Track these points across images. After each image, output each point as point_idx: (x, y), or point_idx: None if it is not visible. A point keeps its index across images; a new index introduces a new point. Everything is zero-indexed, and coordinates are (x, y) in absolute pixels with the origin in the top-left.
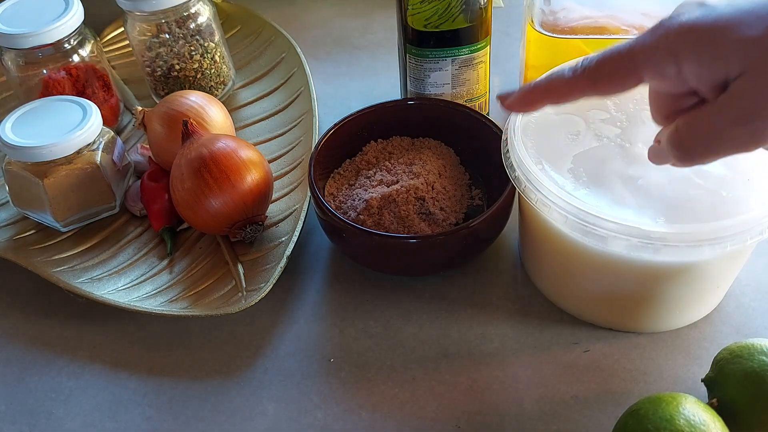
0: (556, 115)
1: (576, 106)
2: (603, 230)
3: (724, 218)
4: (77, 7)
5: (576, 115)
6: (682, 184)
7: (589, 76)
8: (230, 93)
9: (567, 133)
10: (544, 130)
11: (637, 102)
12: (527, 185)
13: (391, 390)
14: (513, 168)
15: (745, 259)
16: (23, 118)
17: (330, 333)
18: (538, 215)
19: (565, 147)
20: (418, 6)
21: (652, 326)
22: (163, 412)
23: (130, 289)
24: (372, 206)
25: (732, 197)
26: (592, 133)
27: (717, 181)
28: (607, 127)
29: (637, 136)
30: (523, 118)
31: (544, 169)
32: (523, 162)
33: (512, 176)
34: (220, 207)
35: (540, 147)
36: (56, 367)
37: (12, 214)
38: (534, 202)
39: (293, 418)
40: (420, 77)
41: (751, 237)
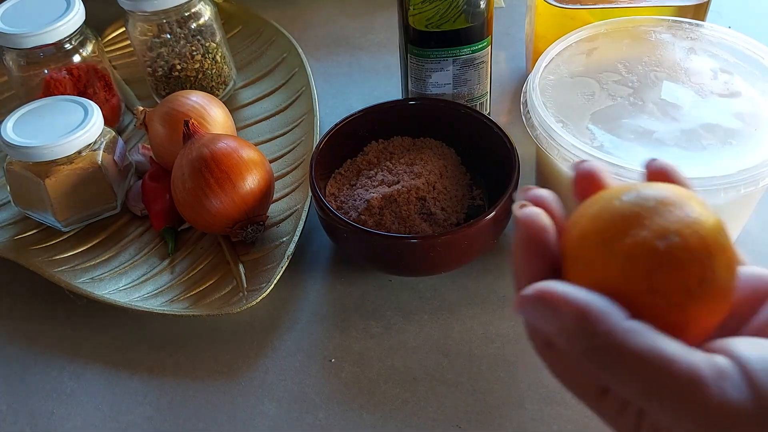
0: (570, 78)
1: (588, 68)
2: (626, 180)
3: (737, 164)
4: (78, 7)
5: (589, 77)
6: (694, 136)
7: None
8: (231, 93)
9: (582, 93)
10: (560, 91)
11: (646, 64)
12: (550, 142)
13: (392, 390)
14: (534, 127)
15: (753, 208)
16: (24, 118)
17: (331, 333)
18: (559, 175)
19: (582, 106)
20: (420, 6)
21: None
22: (165, 412)
23: (131, 289)
24: (373, 206)
25: (742, 146)
26: (606, 93)
27: (726, 132)
28: (620, 88)
29: (648, 96)
30: (540, 80)
31: (566, 125)
32: (545, 120)
33: (534, 135)
34: (221, 207)
35: (558, 106)
36: (57, 367)
37: (13, 214)
38: (556, 157)
39: (294, 418)
40: (421, 77)
41: (763, 179)
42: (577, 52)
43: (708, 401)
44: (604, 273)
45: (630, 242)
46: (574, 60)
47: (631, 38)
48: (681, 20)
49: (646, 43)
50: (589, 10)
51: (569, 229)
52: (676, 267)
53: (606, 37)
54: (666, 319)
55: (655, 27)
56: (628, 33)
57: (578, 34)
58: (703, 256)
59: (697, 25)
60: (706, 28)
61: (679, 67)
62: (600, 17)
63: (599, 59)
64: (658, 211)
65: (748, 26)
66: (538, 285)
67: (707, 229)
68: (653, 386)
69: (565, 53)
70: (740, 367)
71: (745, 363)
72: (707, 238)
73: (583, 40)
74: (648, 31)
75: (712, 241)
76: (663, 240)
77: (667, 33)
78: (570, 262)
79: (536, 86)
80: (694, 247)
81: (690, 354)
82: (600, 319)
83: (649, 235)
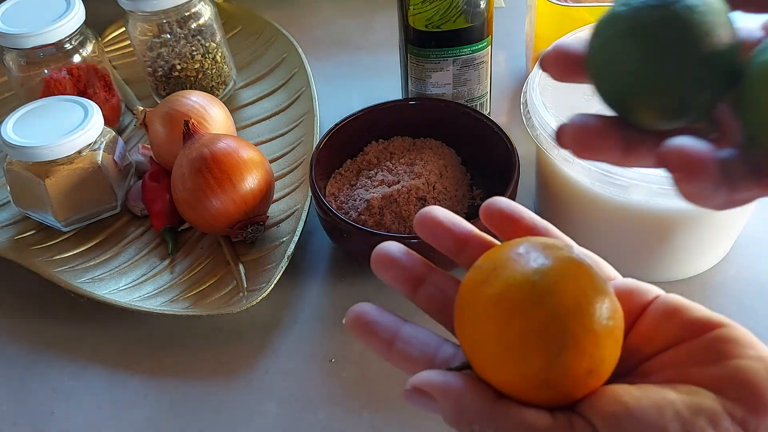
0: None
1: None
2: (625, 179)
3: None
4: (78, 7)
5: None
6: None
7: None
8: (231, 93)
9: (582, 93)
10: (560, 91)
11: None
12: (550, 142)
13: (392, 390)
14: (534, 127)
15: (753, 207)
16: (25, 118)
17: (331, 333)
18: (559, 173)
19: (582, 106)
20: (420, 6)
21: (665, 275)
22: (165, 412)
23: (131, 289)
24: (373, 206)
25: None
26: None
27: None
28: None
29: None
30: (540, 80)
31: None
32: (545, 120)
33: (534, 135)
34: (222, 207)
35: (558, 106)
36: (58, 367)
37: (13, 213)
38: (556, 157)
39: (294, 418)
40: (421, 77)
41: None
42: None
43: None
44: (498, 369)
45: (522, 342)
46: None
47: None
48: None
49: None
50: (589, 9)
51: (460, 305)
52: (566, 368)
53: None
54: (549, 401)
55: None
56: None
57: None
58: (592, 350)
59: None
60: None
61: None
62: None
63: None
64: (551, 309)
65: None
66: (414, 379)
67: (597, 317)
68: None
69: None
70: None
71: (601, 428)
72: (596, 329)
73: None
74: None
75: (601, 329)
76: (555, 343)
77: None
78: (463, 342)
79: (536, 86)
80: (584, 344)
81: (555, 424)
82: (471, 408)
83: (543, 338)
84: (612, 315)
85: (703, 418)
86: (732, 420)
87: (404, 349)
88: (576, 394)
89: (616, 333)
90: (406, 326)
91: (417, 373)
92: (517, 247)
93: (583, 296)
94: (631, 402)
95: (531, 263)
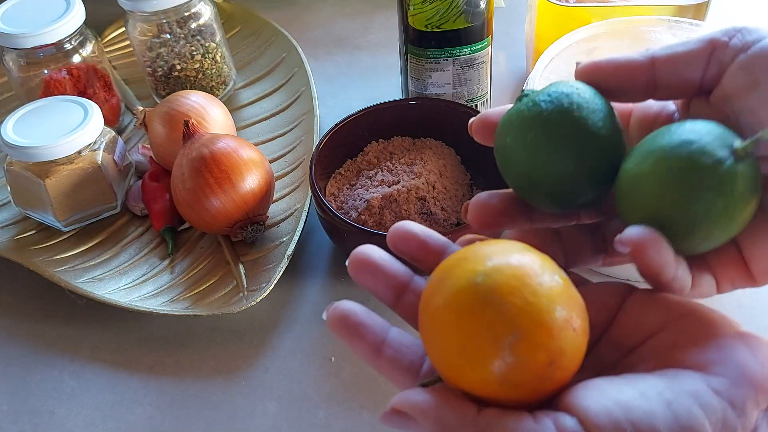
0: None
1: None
2: None
3: None
4: (78, 7)
5: None
6: None
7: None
8: (231, 93)
9: None
10: None
11: None
12: None
13: (392, 389)
14: None
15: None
16: (24, 118)
17: (331, 332)
18: None
19: None
20: (420, 6)
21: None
22: (165, 411)
23: (132, 289)
24: (373, 206)
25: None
26: None
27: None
28: None
29: None
30: (540, 80)
31: None
32: None
33: None
34: (221, 207)
35: None
36: (58, 367)
37: (13, 214)
38: None
39: (294, 418)
40: (421, 77)
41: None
42: (578, 52)
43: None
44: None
45: (474, 344)
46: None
47: (631, 38)
48: (681, 20)
49: (646, 42)
50: (589, 9)
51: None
52: (522, 362)
53: (606, 37)
54: (519, 400)
55: (655, 27)
56: (628, 33)
57: (578, 33)
58: (546, 342)
59: (697, 25)
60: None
61: None
62: (600, 17)
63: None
64: (497, 307)
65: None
66: (395, 400)
67: (546, 310)
68: None
69: (566, 53)
70: (582, 423)
71: (588, 418)
72: (547, 321)
73: (583, 40)
74: (648, 30)
75: (553, 320)
76: (506, 339)
77: (668, 33)
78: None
79: (536, 86)
80: (536, 337)
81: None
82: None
83: (492, 336)
84: (566, 305)
85: (688, 397)
86: (718, 396)
87: (394, 357)
88: (544, 388)
89: (575, 323)
90: (393, 330)
91: (397, 394)
92: (463, 253)
93: (529, 291)
94: (615, 391)
95: (476, 266)
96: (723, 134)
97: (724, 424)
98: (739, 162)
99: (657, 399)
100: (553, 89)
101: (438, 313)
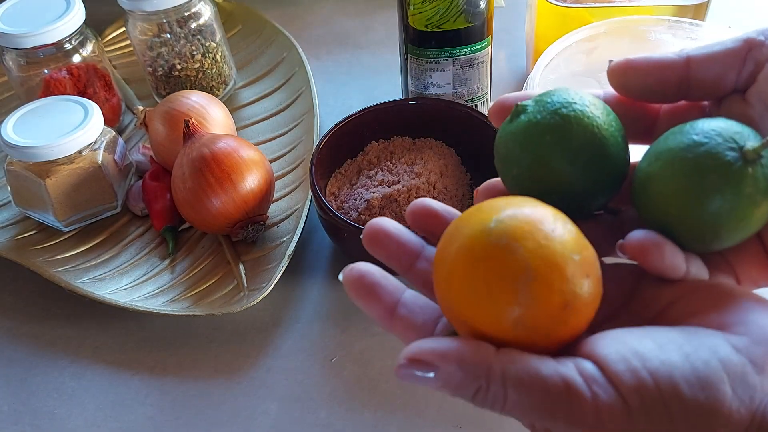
0: (571, 77)
1: (588, 67)
2: None
3: None
4: (78, 6)
5: (589, 77)
6: None
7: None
8: (231, 93)
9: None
10: None
11: None
12: None
13: (393, 389)
14: None
15: None
16: (25, 118)
17: (332, 332)
18: None
19: None
20: (420, 6)
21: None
22: (166, 411)
23: (132, 289)
24: (373, 206)
25: None
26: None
27: None
28: None
29: None
30: (541, 79)
31: None
32: None
33: None
34: (222, 206)
35: None
36: (59, 368)
37: (14, 214)
38: None
39: (296, 418)
40: (421, 77)
41: None
42: (578, 52)
43: (585, 408)
44: (474, 318)
45: (488, 286)
46: (575, 59)
47: (631, 38)
48: (681, 20)
49: (646, 42)
50: (589, 9)
51: (435, 272)
52: (536, 303)
53: (606, 37)
54: (536, 345)
55: (655, 27)
56: (628, 32)
57: (578, 33)
58: (560, 284)
59: (697, 25)
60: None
61: None
62: (600, 16)
63: (599, 58)
64: (510, 249)
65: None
66: (410, 350)
67: (560, 253)
68: (542, 408)
69: (566, 52)
70: (602, 369)
71: (607, 364)
72: (560, 263)
73: (583, 40)
74: (648, 30)
75: (566, 263)
76: (519, 279)
77: (667, 33)
78: (440, 299)
79: (536, 86)
80: (549, 278)
81: (561, 367)
82: (475, 364)
83: (506, 277)
84: (578, 251)
85: (707, 350)
86: (738, 352)
87: (407, 317)
88: (559, 333)
89: (587, 269)
90: (407, 292)
91: (408, 345)
92: (477, 207)
93: (542, 236)
94: (635, 342)
95: (489, 215)
96: (738, 134)
97: (743, 380)
98: (750, 163)
99: (676, 351)
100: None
101: (452, 260)
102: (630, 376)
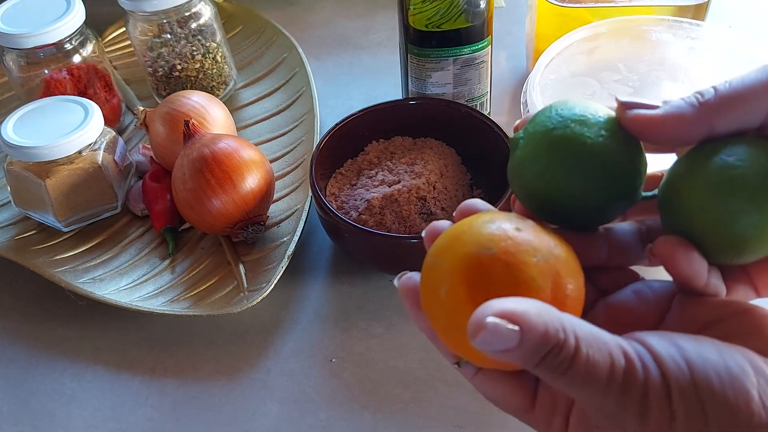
0: (571, 77)
1: (589, 67)
2: None
3: None
4: (79, 7)
5: (590, 77)
6: None
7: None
8: (232, 93)
9: (582, 93)
10: (561, 91)
11: (647, 63)
12: None
13: (393, 390)
14: None
15: None
16: (25, 118)
17: (332, 333)
18: None
19: None
20: (420, 6)
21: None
22: (166, 413)
23: (132, 289)
24: (373, 206)
25: None
26: (607, 93)
27: None
28: (620, 87)
29: (648, 95)
30: (540, 80)
31: None
32: None
33: None
34: (222, 207)
35: None
36: (59, 369)
37: (13, 214)
38: None
39: (296, 419)
40: (421, 77)
41: None
42: (578, 52)
43: (636, 382)
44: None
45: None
46: (575, 59)
47: (631, 38)
48: (681, 20)
49: (646, 42)
50: (589, 9)
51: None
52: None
53: (606, 37)
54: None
55: (655, 27)
56: (629, 32)
57: (579, 33)
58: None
59: (697, 25)
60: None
61: (680, 67)
62: (600, 17)
63: (600, 59)
64: (434, 266)
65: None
66: (492, 308)
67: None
68: (602, 378)
69: (566, 53)
70: (650, 351)
71: (652, 347)
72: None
73: (583, 40)
74: (648, 30)
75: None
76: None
77: (668, 33)
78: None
79: (536, 86)
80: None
81: (618, 338)
82: (552, 320)
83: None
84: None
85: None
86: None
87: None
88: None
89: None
90: None
91: (480, 307)
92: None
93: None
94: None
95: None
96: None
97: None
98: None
99: (712, 349)
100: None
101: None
102: (671, 361)
